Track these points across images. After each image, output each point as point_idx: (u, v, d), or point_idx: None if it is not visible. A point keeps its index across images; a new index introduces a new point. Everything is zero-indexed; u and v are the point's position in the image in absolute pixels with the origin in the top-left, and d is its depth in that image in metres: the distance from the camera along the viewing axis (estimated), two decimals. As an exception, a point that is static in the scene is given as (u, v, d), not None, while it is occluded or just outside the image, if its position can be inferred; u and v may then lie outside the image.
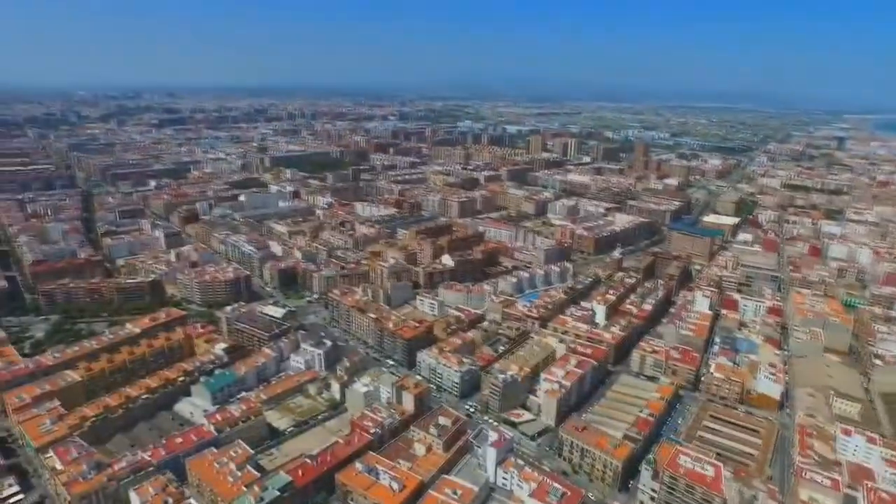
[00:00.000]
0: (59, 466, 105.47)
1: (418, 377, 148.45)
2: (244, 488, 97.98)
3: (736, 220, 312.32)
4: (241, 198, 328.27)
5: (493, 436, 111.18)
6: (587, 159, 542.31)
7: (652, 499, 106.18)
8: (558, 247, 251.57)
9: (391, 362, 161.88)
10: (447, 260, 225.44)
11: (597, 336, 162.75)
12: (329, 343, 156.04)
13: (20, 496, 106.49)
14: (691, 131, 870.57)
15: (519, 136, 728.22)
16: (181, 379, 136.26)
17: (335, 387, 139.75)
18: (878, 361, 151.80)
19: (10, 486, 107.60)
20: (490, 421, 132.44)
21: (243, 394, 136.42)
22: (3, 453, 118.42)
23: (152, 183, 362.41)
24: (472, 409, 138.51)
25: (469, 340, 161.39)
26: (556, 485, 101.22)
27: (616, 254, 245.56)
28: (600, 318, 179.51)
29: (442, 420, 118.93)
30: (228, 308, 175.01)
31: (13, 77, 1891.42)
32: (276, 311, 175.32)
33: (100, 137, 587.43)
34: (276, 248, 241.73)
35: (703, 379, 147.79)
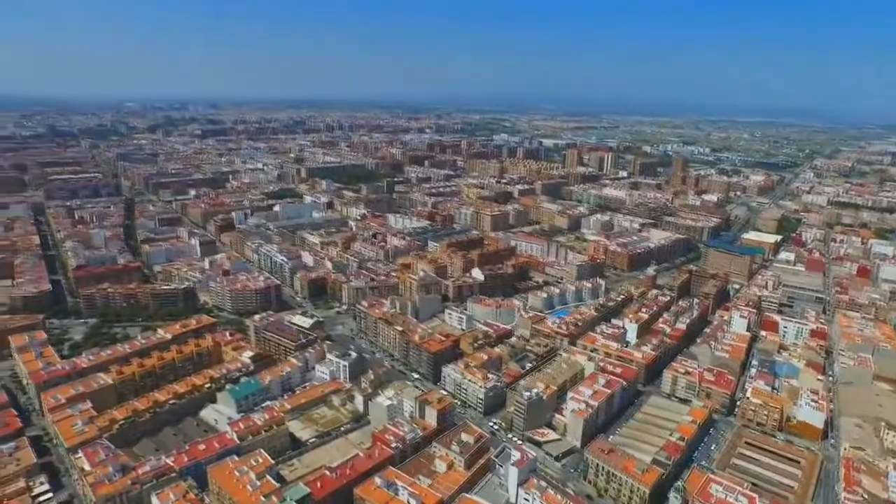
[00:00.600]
0: (87, 467, 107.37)
1: (443, 392, 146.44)
2: (262, 498, 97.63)
3: (778, 238, 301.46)
4: (276, 208, 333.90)
5: (515, 455, 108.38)
6: (624, 174, 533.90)
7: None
8: (591, 262, 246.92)
9: (416, 376, 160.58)
10: (477, 273, 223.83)
11: (627, 355, 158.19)
12: (354, 354, 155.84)
13: (49, 495, 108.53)
14: (733, 146, 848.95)
15: (555, 149, 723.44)
16: (208, 386, 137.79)
17: (359, 399, 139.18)
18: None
19: (42, 483, 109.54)
20: (514, 439, 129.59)
21: (268, 403, 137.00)
22: (38, 451, 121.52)
23: (192, 192, 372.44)
24: (496, 427, 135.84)
25: (496, 356, 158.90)
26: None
27: (650, 271, 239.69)
28: (632, 336, 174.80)
29: (465, 437, 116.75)
30: (257, 317, 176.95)
31: (72, 90, 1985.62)
32: (304, 321, 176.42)
33: (145, 147, 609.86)
34: (307, 258, 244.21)
35: (738, 403, 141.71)
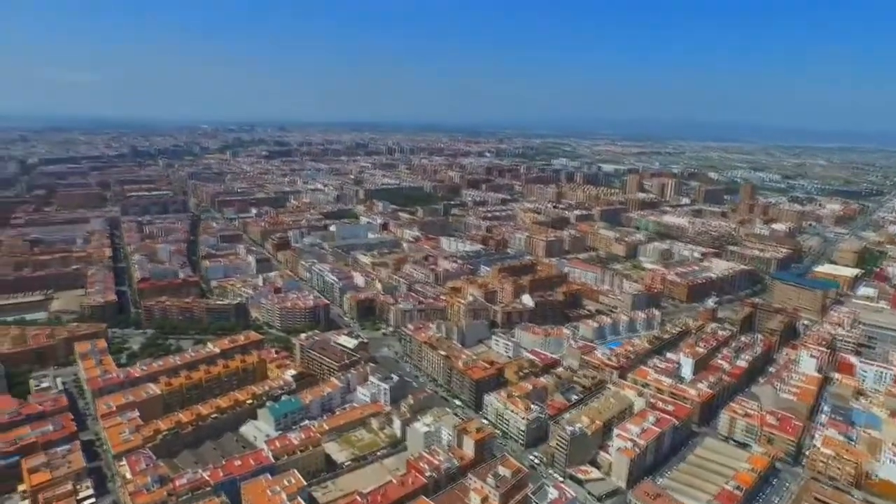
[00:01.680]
0: (128, 475, 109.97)
1: (484, 421, 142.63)
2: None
3: (857, 271, 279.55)
4: (332, 228, 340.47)
5: (553, 493, 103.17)
6: (686, 201, 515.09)
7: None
8: (647, 292, 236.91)
9: (458, 403, 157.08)
10: (527, 300, 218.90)
11: (681, 392, 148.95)
12: (396, 378, 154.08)
13: (93, 500, 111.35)
14: (808, 173, 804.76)
15: (615, 175, 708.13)
16: (249, 402, 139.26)
17: (397, 423, 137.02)
18: None
19: (87, 488, 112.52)
20: (555, 476, 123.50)
21: (307, 422, 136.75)
22: (90, 456, 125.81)
23: (254, 210, 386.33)
24: (536, 461, 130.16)
25: (541, 386, 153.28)
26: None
27: (710, 303, 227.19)
28: (687, 372, 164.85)
29: (502, 470, 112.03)
30: (303, 335, 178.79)
31: (153, 113, 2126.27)
32: (349, 342, 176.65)
33: (214, 167, 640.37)
34: (358, 278, 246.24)
35: (806, 453, 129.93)
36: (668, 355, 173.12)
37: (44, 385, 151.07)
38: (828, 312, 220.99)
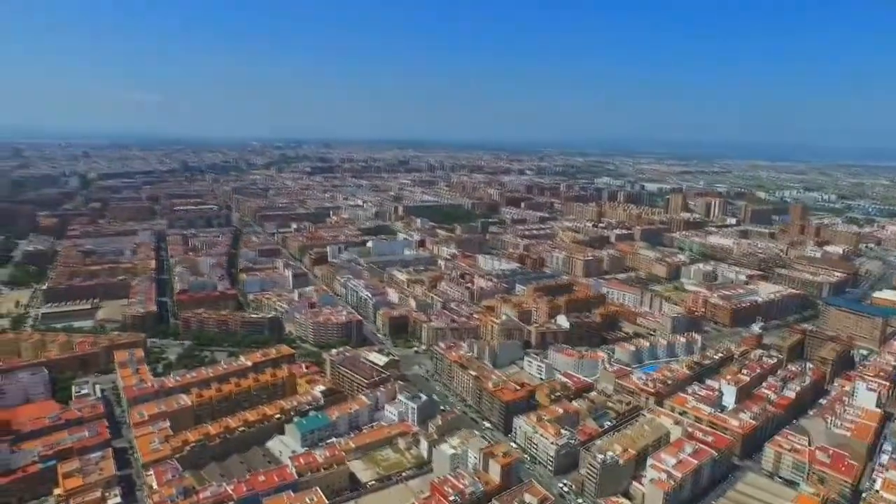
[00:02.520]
0: (154, 486, 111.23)
1: (513, 445, 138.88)
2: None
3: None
4: (369, 244, 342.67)
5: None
6: (732, 221, 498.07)
7: None
8: (688, 315, 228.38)
9: (487, 425, 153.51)
10: (562, 321, 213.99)
11: (722, 422, 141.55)
12: (424, 397, 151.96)
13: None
14: (867, 193, 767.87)
15: (658, 194, 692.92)
16: (277, 416, 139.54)
17: (423, 444, 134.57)
18: None
19: (115, 496, 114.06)
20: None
21: (333, 439, 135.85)
22: (121, 463, 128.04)
23: (294, 225, 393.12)
24: (565, 489, 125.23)
25: (573, 411, 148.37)
26: None
27: (756, 328, 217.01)
28: (728, 400, 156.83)
29: (528, 498, 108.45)
30: (334, 351, 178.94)
31: (207, 130, 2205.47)
32: (379, 359, 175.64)
33: (259, 182, 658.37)
34: (393, 295, 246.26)
35: (864, 496, 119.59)
36: (709, 382, 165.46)
37: (83, 392, 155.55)
38: (888, 341, 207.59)
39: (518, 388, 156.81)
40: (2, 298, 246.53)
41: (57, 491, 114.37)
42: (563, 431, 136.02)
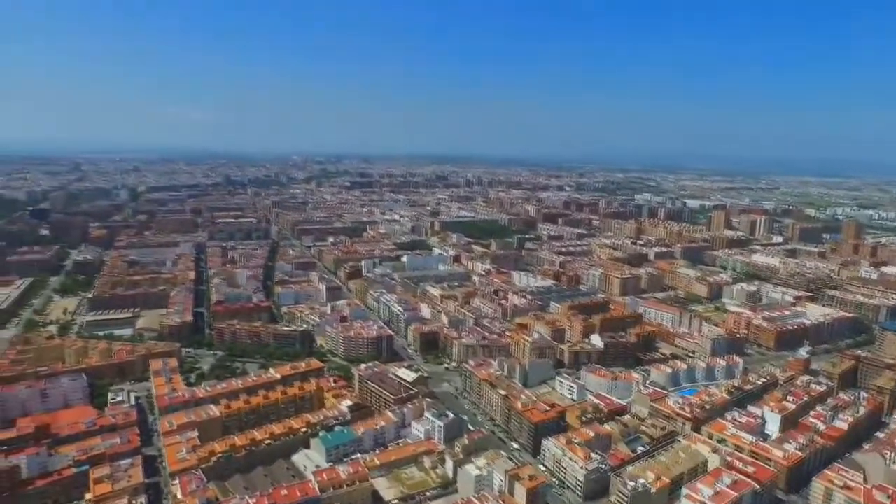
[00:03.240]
0: (179, 496, 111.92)
1: (541, 467, 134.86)
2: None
3: None
4: (404, 258, 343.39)
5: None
6: (779, 239, 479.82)
7: None
8: (729, 337, 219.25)
9: (515, 446, 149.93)
10: (596, 340, 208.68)
11: (764, 451, 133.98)
12: (451, 415, 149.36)
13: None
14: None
15: (701, 211, 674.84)
16: (303, 430, 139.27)
17: (449, 464, 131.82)
18: None
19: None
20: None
21: (358, 455, 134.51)
22: (150, 471, 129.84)
23: (330, 239, 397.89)
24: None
25: (604, 434, 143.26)
26: None
27: (803, 352, 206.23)
28: (772, 429, 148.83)
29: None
30: (363, 365, 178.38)
31: (249, 146, 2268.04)
32: (408, 375, 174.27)
33: (298, 196, 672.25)
34: (425, 310, 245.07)
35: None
36: (751, 409, 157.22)
37: (118, 399, 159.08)
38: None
39: (548, 408, 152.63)
40: (52, 306, 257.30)
41: (87, 496, 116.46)
42: (593, 455, 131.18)
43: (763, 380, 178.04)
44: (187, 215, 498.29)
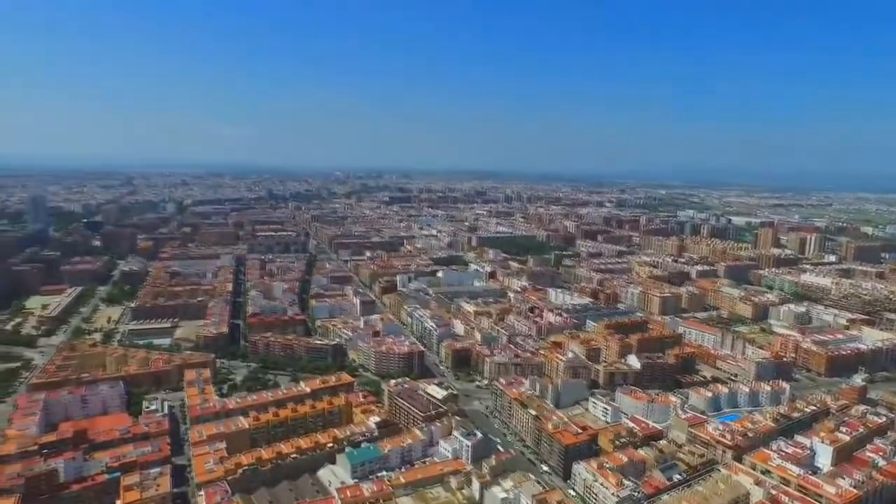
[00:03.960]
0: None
1: (571, 493, 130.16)
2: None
3: None
4: (439, 274, 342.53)
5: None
6: (832, 258, 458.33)
7: None
8: (775, 360, 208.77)
9: (545, 468, 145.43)
10: (633, 360, 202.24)
11: (814, 486, 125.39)
12: (479, 435, 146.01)
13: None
14: None
15: (747, 228, 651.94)
16: (330, 445, 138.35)
17: (476, 485, 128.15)
18: None
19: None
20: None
21: (384, 472, 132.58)
22: (179, 481, 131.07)
23: (367, 253, 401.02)
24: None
25: (639, 459, 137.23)
26: None
27: (858, 379, 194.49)
28: (823, 462, 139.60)
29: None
30: (393, 381, 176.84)
31: (292, 161, 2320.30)
32: (438, 392, 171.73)
33: (338, 211, 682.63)
34: (458, 326, 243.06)
35: None
36: (799, 439, 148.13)
37: (152, 408, 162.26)
38: None
39: (580, 431, 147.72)
40: (99, 314, 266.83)
41: (117, 503, 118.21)
42: (626, 482, 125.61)
43: (813, 408, 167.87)
44: (229, 228, 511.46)
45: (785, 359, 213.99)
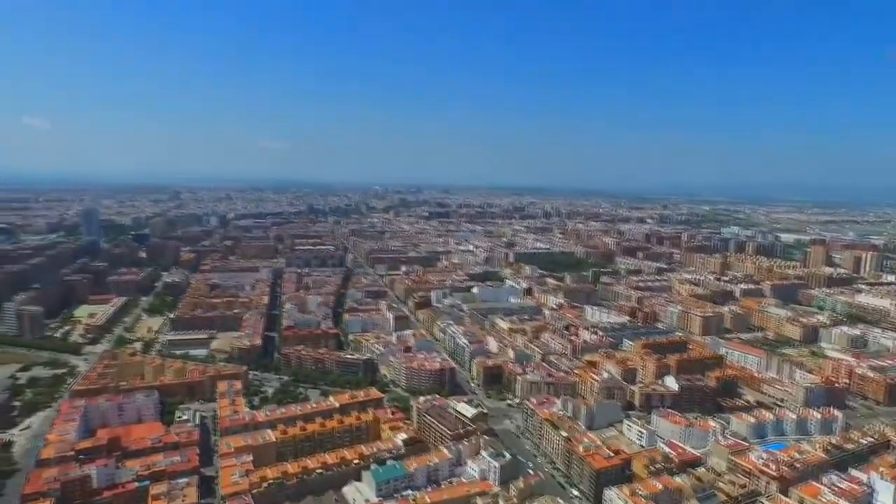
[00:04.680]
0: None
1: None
2: None
3: None
4: (474, 290, 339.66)
5: None
6: (890, 278, 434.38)
7: None
8: (827, 386, 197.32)
9: (575, 493, 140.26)
10: (671, 382, 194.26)
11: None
12: (508, 456, 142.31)
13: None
14: None
15: (796, 246, 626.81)
16: (356, 462, 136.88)
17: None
18: None
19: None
20: None
21: (409, 491, 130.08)
22: (206, 492, 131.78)
23: (403, 268, 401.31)
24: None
25: (674, 487, 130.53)
26: None
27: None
28: (884, 500, 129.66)
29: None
30: (422, 398, 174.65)
31: (332, 176, 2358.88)
32: (467, 410, 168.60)
33: (377, 225, 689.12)
34: (492, 343, 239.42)
35: None
36: (854, 473, 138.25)
37: (184, 417, 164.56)
38: None
39: (612, 454, 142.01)
40: (141, 324, 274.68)
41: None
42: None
43: (870, 439, 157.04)
44: (269, 242, 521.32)
45: (837, 384, 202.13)
